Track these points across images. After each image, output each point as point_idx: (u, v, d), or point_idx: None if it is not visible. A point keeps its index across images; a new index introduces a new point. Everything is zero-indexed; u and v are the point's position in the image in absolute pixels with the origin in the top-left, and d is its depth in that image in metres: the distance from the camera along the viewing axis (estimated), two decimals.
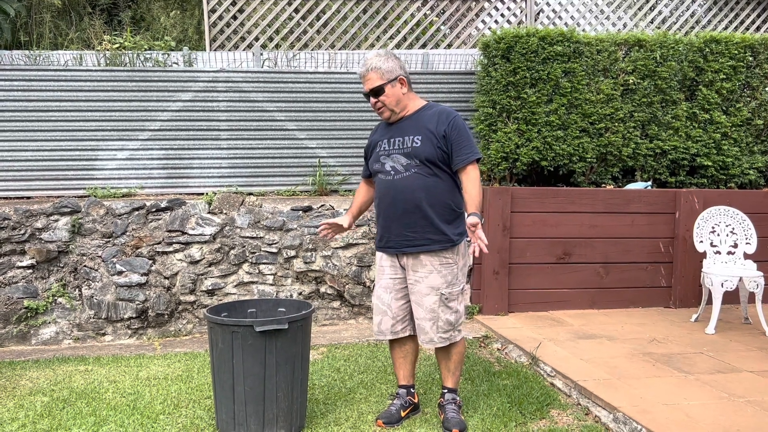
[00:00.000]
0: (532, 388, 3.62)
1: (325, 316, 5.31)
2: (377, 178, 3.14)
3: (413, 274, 3.07)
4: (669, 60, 5.60)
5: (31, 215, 4.90)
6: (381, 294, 3.19)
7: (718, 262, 4.90)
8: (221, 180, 5.62)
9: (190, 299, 5.07)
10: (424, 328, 3.07)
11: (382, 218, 3.12)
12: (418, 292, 3.06)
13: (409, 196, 2.99)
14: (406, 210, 3.01)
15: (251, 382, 2.91)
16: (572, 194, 5.36)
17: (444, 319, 3.04)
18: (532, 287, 5.33)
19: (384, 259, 3.18)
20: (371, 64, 3.03)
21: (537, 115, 5.43)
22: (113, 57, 5.69)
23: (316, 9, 7.35)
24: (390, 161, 3.06)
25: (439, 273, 3.03)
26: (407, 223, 3.01)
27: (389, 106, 3.05)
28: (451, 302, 3.05)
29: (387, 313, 3.16)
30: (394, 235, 3.06)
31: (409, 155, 3.01)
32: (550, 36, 5.41)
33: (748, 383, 3.57)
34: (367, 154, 3.28)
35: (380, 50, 3.17)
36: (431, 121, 3.03)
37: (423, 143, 2.99)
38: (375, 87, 3.01)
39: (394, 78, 3.03)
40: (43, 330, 4.87)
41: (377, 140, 3.18)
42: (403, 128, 3.09)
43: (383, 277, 3.18)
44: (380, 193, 3.12)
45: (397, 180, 3.02)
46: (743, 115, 5.72)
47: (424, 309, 3.04)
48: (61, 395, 3.61)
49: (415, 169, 3.00)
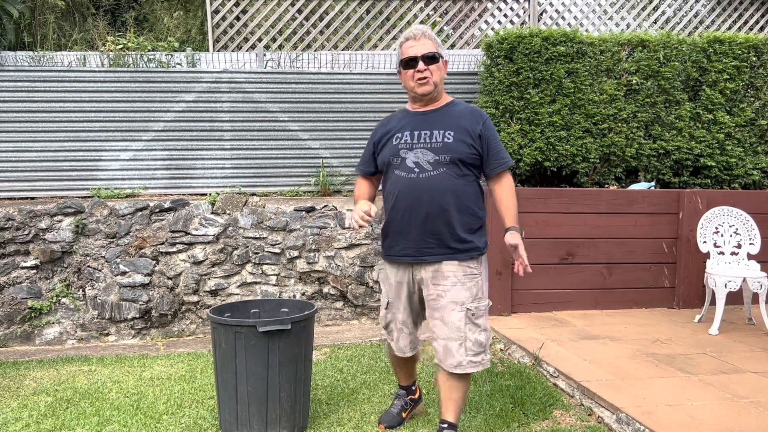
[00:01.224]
0: (535, 389, 3.61)
1: (328, 316, 5.32)
2: (392, 174, 2.73)
3: (434, 287, 2.69)
4: (672, 60, 5.59)
5: (35, 216, 4.92)
6: (396, 312, 2.87)
7: (721, 263, 4.89)
8: (224, 180, 5.63)
9: (194, 299, 5.08)
10: (451, 350, 2.65)
11: (397, 222, 2.72)
12: (441, 307, 2.66)
13: (436, 198, 2.62)
14: (430, 214, 2.63)
15: (254, 383, 2.91)
16: (575, 195, 5.35)
17: (473, 339, 2.65)
18: (536, 288, 5.33)
19: (394, 275, 2.82)
20: (424, 28, 2.70)
21: (540, 116, 5.42)
22: (117, 58, 5.71)
23: (319, 10, 7.35)
24: (413, 156, 2.67)
25: (464, 285, 2.66)
26: (430, 229, 2.65)
27: (435, 80, 2.68)
28: (478, 319, 2.67)
29: (403, 330, 2.85)
30: (412, 242, 2.69)
31: (439, 151, 2.64)
32: (553, 36, 5.41)
33: (752, 384, 3.56)
34: (377, 145, 2.85)
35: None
36: (464, 118, 2.71)
37: (455, 140, 2.65)
38: (431, 52, 2.65)
39: (442, 56, 2.72)
40: (46, 330, 4.89)
41: (394, 130, 2.78)
42: (432, 120, 2.72)
43: (394, 290, 2.85)
44: (397, 192, 2.69)
45: (423, 179, 2.63)
46: (747, 115, 5.71)
47: (450, 327, 2.65)
48: (64, 395, 3.62)
49: (444, 168, 2.63)
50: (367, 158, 2.93)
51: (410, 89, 2.73)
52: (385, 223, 2.82)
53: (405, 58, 2.69)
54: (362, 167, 2.97)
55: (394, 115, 2.90)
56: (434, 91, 2.70)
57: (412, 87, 2.71)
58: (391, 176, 2.75)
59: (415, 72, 2.67)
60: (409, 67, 2.69)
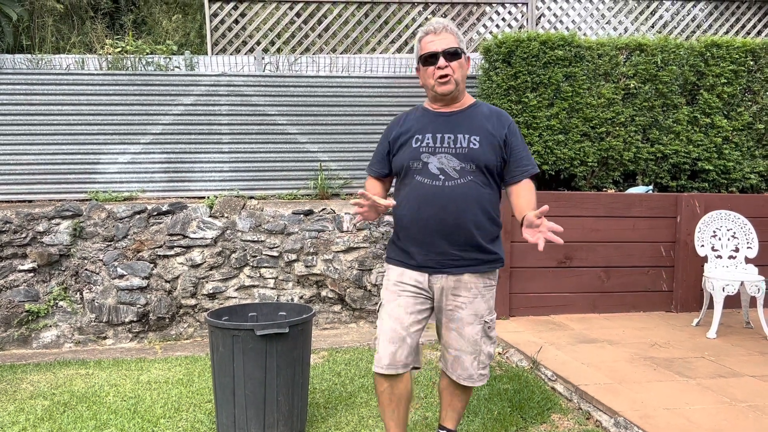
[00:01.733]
0: (533, 393, 3.61)
1: (326, 319, 5.31)
2: (411, 180, 2.49)
3: (454, 299, 2.53)
4: (670, 64, 5.60)
5: (32, 219, 4.91)
6: (400, 315, 2.50)
7: (719, 267, 4.89)
8: (223, 183, 5.63)
9: (191, 303, 5.08)
10: (464, 363, 2.56)
11: (417, 231, 2.49)
12: (460, 319, 2.53)
13: (464, 208, 2.43)
14: (457, 225, 2.44)
15: (252, 386, 2.91)
16: (574, 198, 5.36)
17: (486, 352, 2.59)
18: (534, 291, 5.33)
19: (406, 276, 2.54)
20: (445, 22, 2.50)
21: (538, 119, 5.43)
22: (115, 61, 5.71)
23: (317, 13, 7.36)
24: (436, 161, 2.46)
25: (483, 297, 2.54)
26: (456, 240, 2.46)
27: (457, 78, 2.47)
28: (492, 331, 2.60)
29: (406, 340, 2.49)
30: (435, 253, 2.48)
31: (465, 158, 2.44)
32: (551, 40, 5.42)
33: (750, 388, 3.56)
34: (393, 145, 2.61)
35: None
36: (489, 121, 2.52)
37: (482, 146, 2.46)
38: (453, 47, 2.44)
39: (465, 52, 2.50)
40: (44, 333, 4.87)
41: (412, 131, 2.55)
42: (455, 123, 2.51)
43: (403, 295, 2.53)
44: (419, 200, 2.46)
45: (449, 187, 2.42)
46: (744, 119, 5.72)
47: (466, 340, 2.54)
48: (61, 399, 3.61)
49: (471, 177, 2.44)
50: (381, 158, 2.67)
51: (429, 88, 2.51)
52: (400, 231, 2.56)
53: (424, 54, 2.48)
54: (374, 168, 2.70)
55: (410, 112, 2.68)
56: (456, 90, 2.49)
57: (432, 85, 2.49)
58: (410, 182, 2.50)
59: (435, 69, 2.45)
60: (428, 64, 2.47)
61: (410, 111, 2.69)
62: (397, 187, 2.61)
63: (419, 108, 2.66)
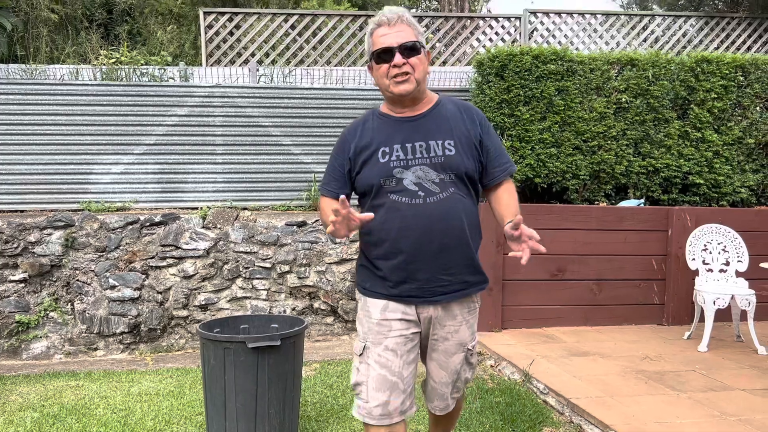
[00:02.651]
0: (525, 406, 3.61)
1: (318, 331, 5.30)
2: (385, 199, 2.15)
3: (440, 328, 2.24)
4: (661, 79, 5.66)
5: (24, 229, 4.89)
6: (389, 360, 2.16)
7: (710, 280, 4.92)
8: (216, 194, 5.63)
9: (183, 314, 5.06)
10: (443, 394, 2.33)
11: (401, 258, 2.14)
12: (445, 350, 2.27)
13: (451, 226, 2.13)
14: (445, 246, 2.14)
15: (243, 399, 2.90)
16: (566, 211, 5.38)
17: (463, 378, 2.36)
18: (526, 304, 5.33)
19: (391, 310, 2.20)
20: (401, 11, 2.16)
21: (530, 133, 5.47)
22: (109, 71, 5.72)
23: (312, 26, 7.40)
24: (412, 176, 2.13)
25: (467, 324, 2.29)
26: (445, 263, 2.16)
27: (417, 76, 2.12)
28: (473, 358, 2.35)
29: (398, 385, 2.16)
30: (422, 281, 2.16)
31: (442, 168, 2.14)
32: (544, 54, 5.47)
33: (741, 402, 3.57)
34: (354, 162, 2.22)
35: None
36: (459, 120, 2.21)
37: (459, 151, 2.16)
38: (411, 41, 2.10)
39: (424, 45, 2.18)
40: (34, 344, 4.84)
41: (375, 144, 2.19)
42: (424, 128, 2.19)
43: (391, 336, 2.18)
44: (398, 222, 2.13)
45: (432, 204, 2.12)
46: (734, 134, 5.78)
47: (449, 371, 2.29)
48: (51, 411, 3.58)
49: (453, 188, 2.15)
50: (339, 176, 2.26)
51: (385, 88, 2.16)
52: (376, 260, 2.21)
53: (377, 50, 2.12)
54: (331, 187, 2.27)
55: (365, 120, 2.30)
56: (415, 90, 2.14)
57: (386, 86, 2.13)
58: (383, 202, 2.15)
59: (390, 67, 2.10)
60: (382, 61, 2.12)
61: (364, 118, 2.31)
62: (366, 209, 2.20)
63: (375, 114, 2.30)
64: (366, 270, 2.27)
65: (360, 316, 2.28)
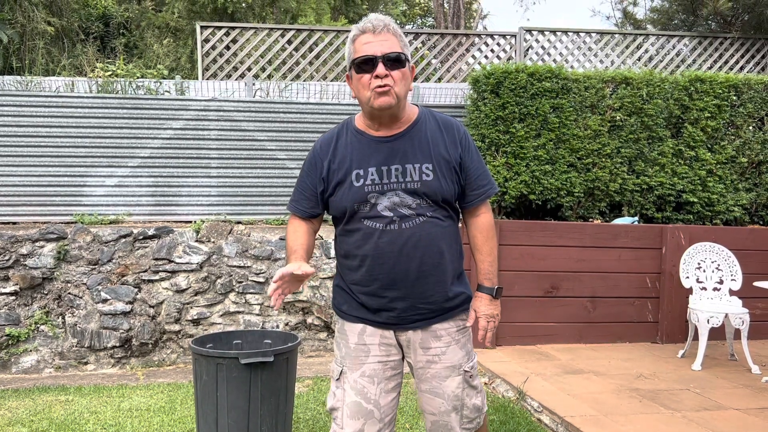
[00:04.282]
0: (519, 424, 3.59)
1: (311, 347, 5.27)
2: (358, 224, 2.08)
3: (423, 352, 2.13)
4: (655, 98, 5.70)
5: (16, 241, 4.86)
6: (364, 386, 2.10)
7: (704, 298, 4.92)
8: (210, 208, 5.61)
9: (175, 329, 5.02)
10: (448, 424, 2.14)
11: (377, 285, 2.08)
12: (434, 376, 2.13)
13: (428, 253, 2.05)
14: (423, 273, 2.06)
15: (235, 416, 2.87)
16: (560, 228, 5.39)
17: (470, 405, 2.17)
18: (520, 320, 5.32)
19: (368, 334, 2.13)
20: (387, 20, 2.02)
21: (525, 150, 5.49)
22: (105, 84, 5.72)
23: (308, 41, 7.44)
24: (386, 201, 2.04)
25: (458, 343, 2.16)
26: (423, 291, 2.08)
27: (397, 90, 1.99)
28: (474, 380, 2.20)
29: (373, 414, 2.08)
30: (399, 310, 2.09)
31: (417, 193, 2.05)
32: (539, 72, 5.51)
33: (734, 421, 3.56)
34: (327, 182, 2.12)
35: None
36: (439, 140, 2.11)
37: (437, 176, 2.06)
38: (395, 52, 1.98)
39: (409, 59, 2.06)
40: (24, 358, 4.79)
41: (348, 164, 2.08)
42: (400, 150, 2.07)
43: (367, 361, 2.12)
44: (373, 249, 2.06)
45: (407, 230, 2.03)
46: (728, 152, 5.82)
47: (446, 398, 2.13)
48: (40, 426, 3.54)
49: (430, 213, 2.06)
50: (310, 195, 2.16)
51: (364, 101, 2.01)
52: (353, 285, 2.15)
53: (359, 58, 1.98)
54: (301, 206, 2.19)
55: (338, 135, 2.16)
56: (396, 106, 2.01)
57: (367, 98, 1.99)
58: (357, 227, 2.07)
59: (372, 78, 1.97)
60: (363, 71, 1.98)
61: (337, 133, 2.17)
62: (339, 232, 2.18)
63: (350, 128, 2.15)
64: (343, 292, 2.20)
65: (337, 338, 2.22)
